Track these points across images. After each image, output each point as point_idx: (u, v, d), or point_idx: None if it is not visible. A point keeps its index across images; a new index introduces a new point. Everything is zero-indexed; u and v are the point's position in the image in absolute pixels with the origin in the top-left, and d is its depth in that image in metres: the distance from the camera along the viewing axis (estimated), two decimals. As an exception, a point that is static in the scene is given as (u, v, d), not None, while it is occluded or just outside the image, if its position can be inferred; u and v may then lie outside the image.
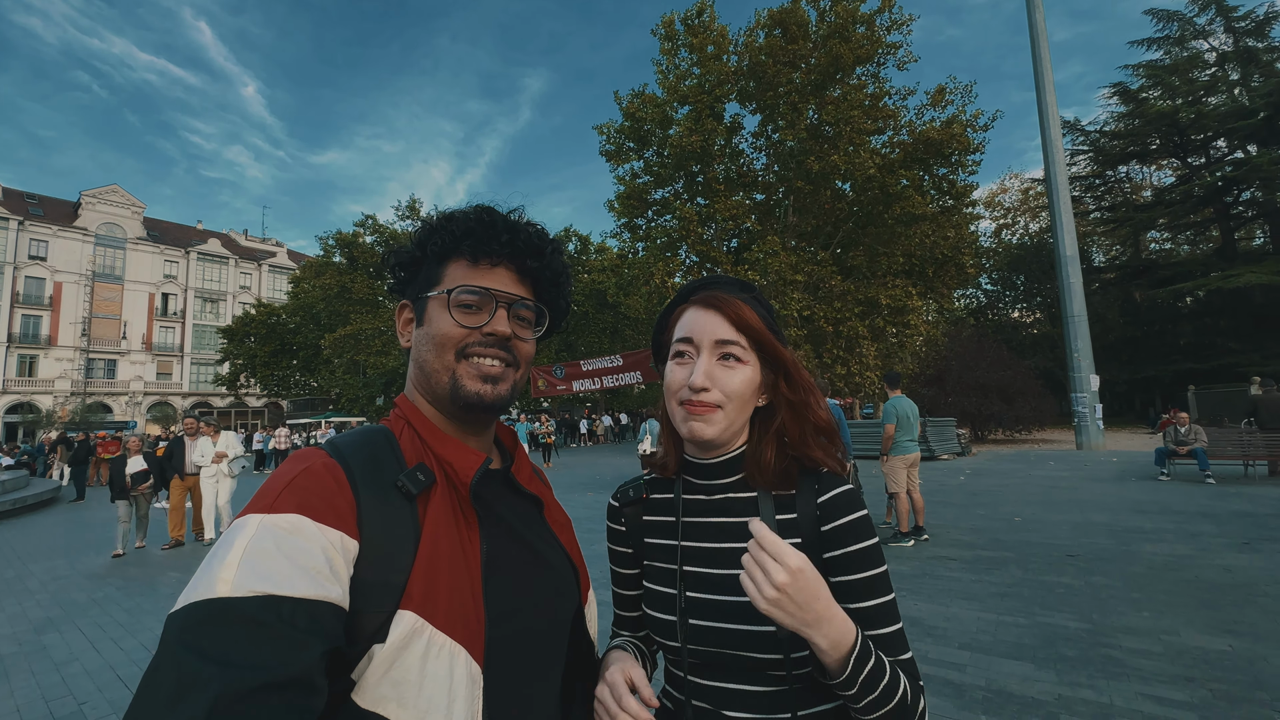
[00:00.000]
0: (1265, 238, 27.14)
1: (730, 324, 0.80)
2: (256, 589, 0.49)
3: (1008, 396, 19.14)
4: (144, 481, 7.52)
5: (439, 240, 0.73)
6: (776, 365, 0.83)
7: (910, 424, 6.22)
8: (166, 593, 5.31)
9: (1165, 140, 27.37)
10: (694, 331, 0.81)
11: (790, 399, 0.83)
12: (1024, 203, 38.65)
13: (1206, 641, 3.31)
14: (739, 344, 0.80)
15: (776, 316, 0.87)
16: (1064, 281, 16.01)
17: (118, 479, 7.43)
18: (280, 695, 0.46)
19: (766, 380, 0.84)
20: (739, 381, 0.79)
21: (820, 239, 18.53)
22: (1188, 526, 6.19)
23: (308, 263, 33.99)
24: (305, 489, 0.58)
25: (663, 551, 0.86)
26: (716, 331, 0.80)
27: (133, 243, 44.27)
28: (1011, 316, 37.70)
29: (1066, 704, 2.70)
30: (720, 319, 0.80)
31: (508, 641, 0.65)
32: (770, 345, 0.82)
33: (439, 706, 0.57)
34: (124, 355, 43.06)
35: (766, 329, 0.82)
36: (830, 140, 16.02)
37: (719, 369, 0.80)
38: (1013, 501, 8.09)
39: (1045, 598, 4.16)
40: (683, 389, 0.80)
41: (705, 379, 0.78)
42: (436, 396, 0.73)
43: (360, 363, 28.85)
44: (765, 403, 0.85)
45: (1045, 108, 16.61)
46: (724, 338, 0.80)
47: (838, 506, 0.78)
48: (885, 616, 0.75)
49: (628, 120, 18.29)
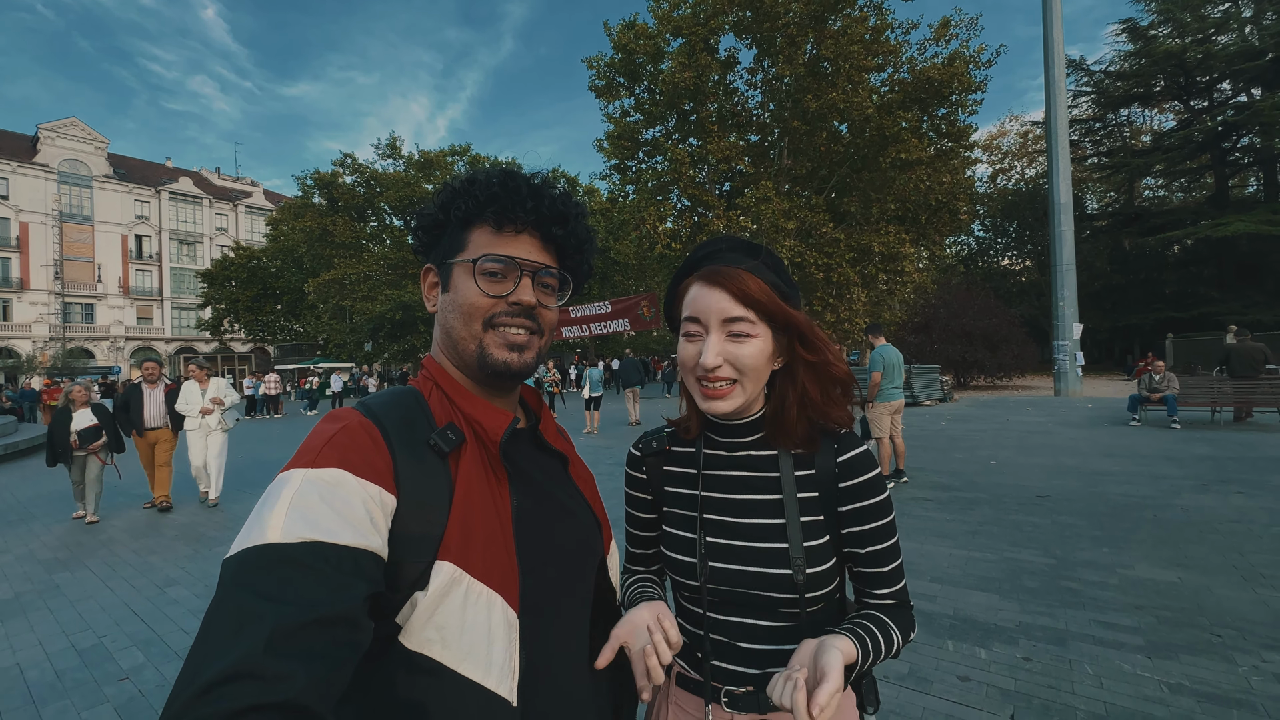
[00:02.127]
0: (1258, 185, 27.04)
1: (735, 299, 0.80)
2: (305, 535, 0.53)
3: (992, 344, 19.46)
4: (94, 439, 5.97)
5: (463, 205, 0.73)
6: (789, 329, 0.83)
7: (895, 371, 6.35)
8: (171, 535, 5.45)
9: (1170, 82, 26.68)
10: (700, 310, 0.82)
11: (808, 359, 0.84)
12: (1022, 147, 37.89)
13: (1158, 574, 3.57)
14: (746, 318, 0.80)
15: (787, 275, 0.87)
16: (1055, 230, 15.95)
17: (59, 436, 5.87)
18: (330, 629, 0.50)
19: (780, 344, 0.84)
20: (750, 354, 0.80)
21: (814, 183, 18.16)
22: (1152, 469, 6.51)
23: (286, 204, 32.74)
24: (345, 446, 0.61)
25: (684, 500, 0.91)
26: (723, 309, 0.80)
27: (99, 180, 42.24)
28: (1001, 264, 37.72)
29: (1026, 630, 2.94)
30: (724, 295, 0.80)
31: (539, 589, 0.69)
32: (780, 313, 0.81)
33: (479, 648, 0.62)
34: (101, 299, 41.99)
35: (775, 296, 0.81)
36: (828, 77, 15.41)
37: (729, 345, 0.80)
38: (990, 446, 8.40)
39: (1014, 535, 4.41)
40: (696, 368, 0.82)
41: (716, 358, 0.80)
42: (464, 363, 0.75)
43: (346, 308, 28.43)
44: (781, 365, 0.86)
45: (1051, 45, 16.00)
46: (731, 315, 0.80)
47: (854, 467, 0.84)
48: (889, 556, 0.84)
49: (619, 53, 17.42)
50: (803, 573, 0.80)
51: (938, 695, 2.40)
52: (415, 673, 0.61)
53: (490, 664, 0.62)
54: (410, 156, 30.03)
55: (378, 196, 28.75)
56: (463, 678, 0.61)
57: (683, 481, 0.92)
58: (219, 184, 51.54)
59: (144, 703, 2.61)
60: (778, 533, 0.82)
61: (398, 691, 0.61)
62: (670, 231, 17.72)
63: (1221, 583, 3.42)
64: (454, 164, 29.91)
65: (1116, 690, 2.39)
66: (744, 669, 0.83)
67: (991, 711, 2.28)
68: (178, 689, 0.44)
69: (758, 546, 0.82)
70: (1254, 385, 9.63)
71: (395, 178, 28.49)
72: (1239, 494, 5.35)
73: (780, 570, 0.80)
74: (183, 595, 3.89)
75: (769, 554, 0.81)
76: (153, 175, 46.95)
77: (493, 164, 30.78)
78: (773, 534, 0.82)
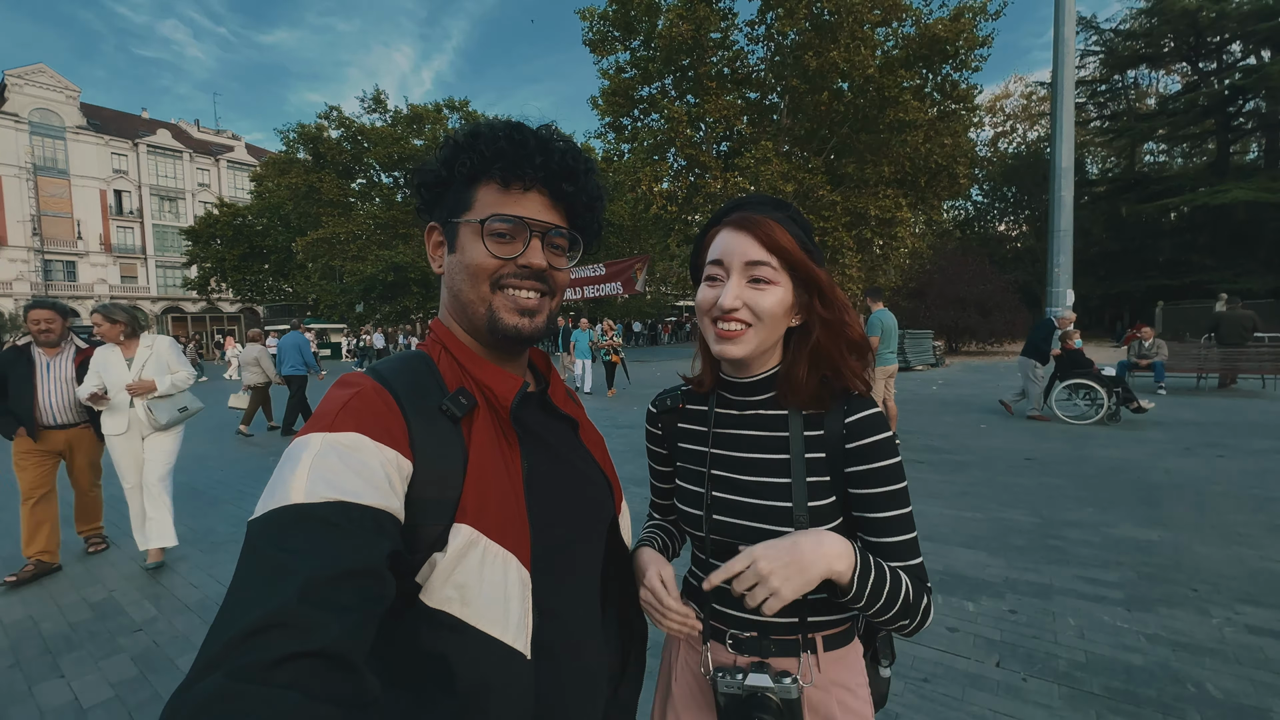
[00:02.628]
0: (1258, 152, 26.78)
1: (761, 244, 0.80)
2: (328, 495, 0.53)
3: (985, 310, 19.57)
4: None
5: (468, 161, 0.71)
6: (810, 285, 0.84)
7: (891, 337, 6.40)
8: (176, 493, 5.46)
9: (1180, 42, 26.04)
10: (724, 253, 0.83)
11: (825, 318, 0.85)
12: (1025, 109, 37.14)
13: (1140, 533, 3.70)
14: (769, 264, 0.81)
15: (812, 235, 0.87)
16: (1055, 195, 15.71)
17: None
18: (359, 581, 0.51)
19: (800, 300, 0.85)
20: (770, 302, 0.81)
21: (814, 144, 17.78)
22: (1138, 433, 6.67)
23: (270, 159, 31.66)
24: (361, 411, 0.61)
25: (694, 456, 0.94)
26: (747, 253, 0.81)
27: (73, 132, 40.57)
28: (998, 230, 37.51)
29: (1012, 585, 3.05)
30: (750, 240, 0.81)
31: (551, 549, 0.71)
32: (803, 265, 0.82)
33: (496, 606, 0.64)
34: (82, 257, 40.95)
35: (800, 248, 0.82)
36: (830, 32, 14.88)
37: (749, 290, 0.81)
38: (980, 410, 8.55)
39: (1002, 496, 4.54)
40: (714, 309, 0.83)
41: (734, 299, 0.81)
42: (474, 326, 0.74)
43: (336, 268, 27.94)
44: (799, 323, 0.87)
45: (1062, 2, 15.47)
46: (754, 259, 0.80)
47: (862, 427, 0.82)
48: (898, 526, 0.82)
49: (613, 5, 16.67)
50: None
51: (927, 645, 2.51)
52: (437, 628, 0.63)
53: (508, 620, 0.65)
54: (398, 111, 28.95)
55: (365, 152, 27.86)
56: (482, 633, 0.63)
57: (694, 438, 0.95)
58: (199, 137, 49.70)
59: (159, 652, 2.68)
60: (783, 491, 0.83)
61: (421, 645, 0.63)
62: (666, 193, 17.39)
63: (1200, 541, 3.55)
64: (447, 119, 28.89)
65: (1096, 640, 2.50)
66: (748, 615, 0.86)
67: (978, 660, 2.40)
68: (211, 639, 0.44)
69: (762, 503, 0.84)
70: (1240, 352, 9.79)
71: (383, 133, 27.53)
72: (1220, 457, 5.51)
73: (783, 528, 0.81)
74: (188, 551, 3.95)
75: (773, 511, 0.83)
76: (129, 127, 45.14)
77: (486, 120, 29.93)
78: (778, 493, 0.83)
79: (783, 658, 0.84)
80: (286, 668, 0.43)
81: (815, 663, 0.84)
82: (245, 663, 0.42)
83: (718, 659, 0.88)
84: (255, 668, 0.42)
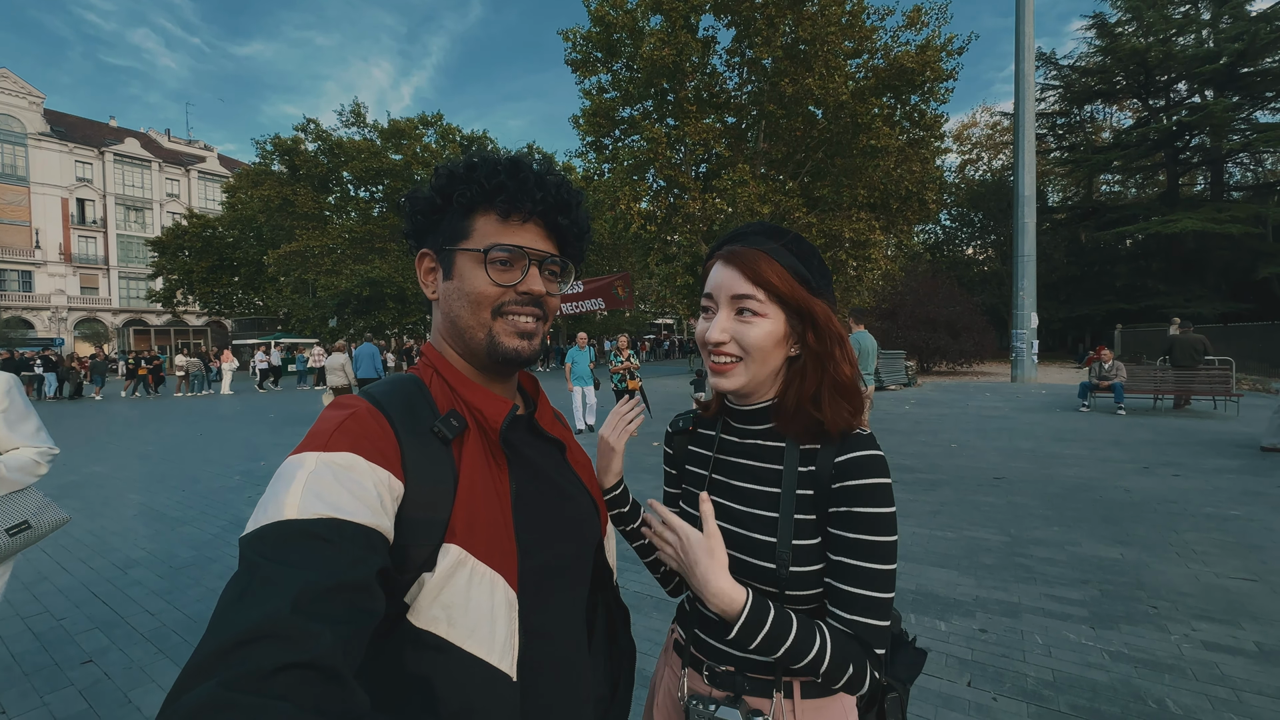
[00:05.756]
0: (1205, 184, 28.34)
1: (745, 278, 0.81)
2: (321, 512, 0.54)
3: (955, 331, 20.10)
4: None
5: (467, 192, 0.73)
6: (804, 315, 0.83)
7: (869, 358, 6.53)
8: (130, 514, 5.26)
9: (1131, 80, 27.54)
10: (714, 287, 0.86)
11: (814, 349, 0.83)
12: (990, 138, 38.73)
13: (1103, 551, 3.82)
14: (755, 297, 0.81)
15: (815, 261, 0.85)
16: (1019, 222, 16.44)
17: None
18: (351, 595, 0.52)
19: (795, 330, 0.84)
20: (756, 335, 0.81)
21: (790, 167, 18.25)
22: (1099, 453, 6.89)
23: (243, 170, 31.18)
24: (355, 432, 0.62)
25: (697, 479, 0.97)
26: (733, 286, 0.82)
27: (34, 138, 39.33)
28: (965, 253, 38.76)
29: (982, 603, 3.11)
30: (736, 273, 0.82)
31: (538, 570, 0.72)
32: (793, 296, 0.81)
33: (483, 625, 0.65)
34: (40, 267, 39.40)
35: (792, 279, 0.81)
36: (804, 61, 15.41)
37: (737, 323, 0.83)
38: (951, 429, 8.74)
39: (972, 515, 4.64)
40: (706, 343, 0.85)
41: (720, 333, 0.83)
42: (470, 350, 0.76)
43: (309, 282, 27.42)
44: (796, 353, 0.86)
45: (1022, 39, 16.31)
46: (739, 292, 0.82)
47: (850, 469, 0.78)
48: (856, 577, 0.75)
49: (596, 26, 16.98)
50: (786, 569, 0.79)
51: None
52: (422, 648, 0.63)
53: (493, 641, 0.65)
54: (376, 124, 28.82)
55: (342, 166, 27.59)
56: (467, 654, 0.64)
57: (698, 462, 0.98)
58: (169, 147, 48.62)
59: (111, 685, 2.55)
60: (769, 526, 0.82)
61: (406, 666, 0.63)
62: (645, 212, 17.60)
63: (1159, 558, 3.68)
64: (424, 134, 28.87)
65: (1063, 658, 2.56)
66: (728, 650, 0.86)
67: (950, 680, 2.43)
68: (202, 649, 0.44)
69: (749, 535, 0.83)
70: (1193, 375, 10.23)
71: (361, 146, 27.35)
72: (1176, 476, 5.72)
73: (765, 563, 0.80)
74: (145, 576, 3.78)
75: (758, 545, 0.82)
76: (95, 135, 43.95)
77: (464, 136, 30.15)
78: (764, 526, 0.82)
79: (756, 697, 0.83)
80: (279, 678, 0.43)
81: (791, 708, 0.82)
82: (238, 672, 0.42)
83: (694, 688, 0.88)
84: (248, 677, 0.42)
